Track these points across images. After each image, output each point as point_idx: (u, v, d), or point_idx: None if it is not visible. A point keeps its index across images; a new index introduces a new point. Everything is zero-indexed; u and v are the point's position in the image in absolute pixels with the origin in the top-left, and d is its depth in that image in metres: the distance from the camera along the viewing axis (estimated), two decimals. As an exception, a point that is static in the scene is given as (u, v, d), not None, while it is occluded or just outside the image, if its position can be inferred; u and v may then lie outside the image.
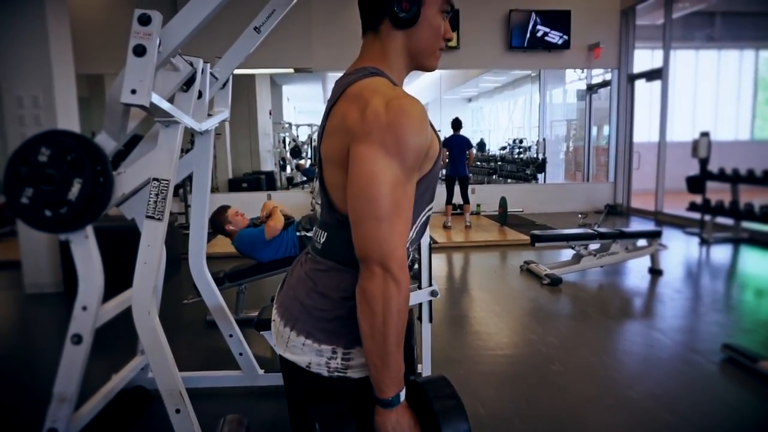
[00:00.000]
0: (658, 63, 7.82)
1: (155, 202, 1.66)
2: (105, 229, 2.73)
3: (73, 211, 1.65)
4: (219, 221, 3.44)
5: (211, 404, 2.37)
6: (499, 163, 11.89)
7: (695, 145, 6.28)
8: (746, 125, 12.50)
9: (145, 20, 1.42)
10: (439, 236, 6.43)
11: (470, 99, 17.98)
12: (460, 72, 12.80)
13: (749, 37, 12.11)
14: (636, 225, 7.51)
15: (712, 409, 2.35)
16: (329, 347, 0.93)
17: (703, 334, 3.29)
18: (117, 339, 2.50)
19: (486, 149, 14.03)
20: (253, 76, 10.12)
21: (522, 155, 11.28)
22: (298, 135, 11.21)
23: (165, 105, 1.60)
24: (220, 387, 2.56)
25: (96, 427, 2.05)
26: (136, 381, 2.45)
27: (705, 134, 6.26)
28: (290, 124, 11.37)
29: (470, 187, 7.38)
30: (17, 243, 4.37)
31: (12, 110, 4.16)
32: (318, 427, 0.87)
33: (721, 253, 5.63)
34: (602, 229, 4.73)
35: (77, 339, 1.74)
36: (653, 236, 4.66)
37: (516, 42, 8.18)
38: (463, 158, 6.73)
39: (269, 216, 3.36)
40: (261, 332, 2.63)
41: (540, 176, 10.10)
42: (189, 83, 1.85)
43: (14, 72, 4.12)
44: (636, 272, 4.75)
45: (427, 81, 13.33)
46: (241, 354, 2.50)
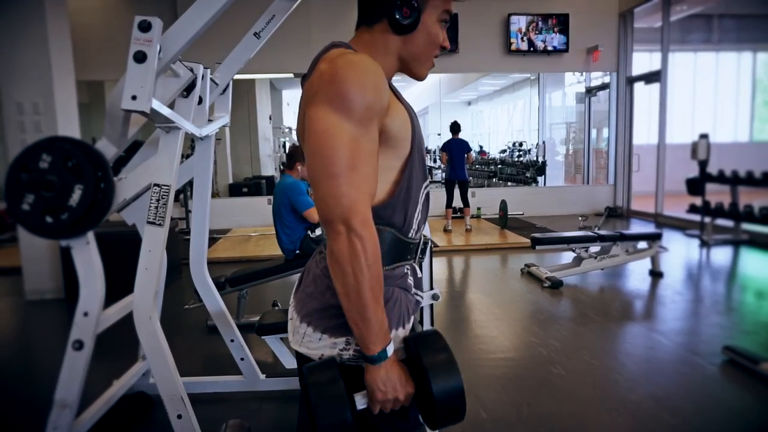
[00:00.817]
0: (657, 65, 7.84)
1: (156, 208, 1.66)
2: (106, 235, 2.74)
3: (74, 217, 1.65)
4: (297, 155, 3.57)
5: (213, 409, 2.37)
6: (499, 166, 11.91)
7: (694, 147, 6.28)
8: (745, 127, 12.51)
9: (146, 27, 1.43)
10: (440, 240, 6.43)
11: (470, 102, 18.01)
12: (460, 75, 12.84)
13: (747, 39, 12.14)
14: (636, 227, 7.52)
15: (714, 411, 2.35)
16: (343, 339, 0.94)
17: (704, 336, 3.29)
18: (118, 345, 2.50)
19: (484, 151, 14.03)
20: (253, 81, 10.15)
21: (522, 158, 11.29)
22: (298, 140, 11.22)
23: (165, 111, 1.61)
24: (222, 392, 2.55)
25: (97, 433, 2.05)
26: (138, 386, 2.45)
27: (704, 136, 6.27)
28: (290, 129, 11.40)
29: (470, 191, 7.39)
30: (18, 249, 4.37)
31: (12, 117, 4.17)
32: (307, 384, 0.86)
33: (722, 255, 5.63)
34: (602, 232, 4.73)
35: (78, 345, 1.74)
36: (653, 238, 4.66)
37: (515, 45, 8.21)
38: (463, 162, 6.73)
39: None
40: (262, 337, 2.64)
41: (540, 179, 10.11)
42: (189, 89, 1.85)
43: (15, 78, 4.13)
44: (636, 274, 4.75)
45: (427, 85, 13.38)
46: (243, 359, 2.50)
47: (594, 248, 4.64)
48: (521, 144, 11.82)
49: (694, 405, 2.40)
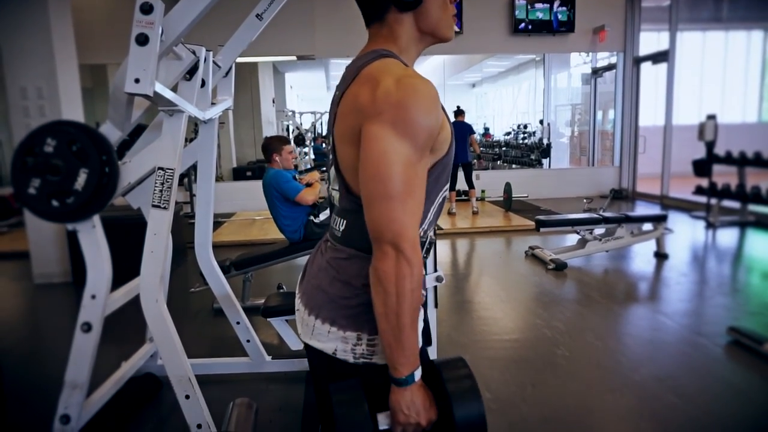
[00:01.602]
0: (665, 45, 7.73)
1: (161, 191, 1.67)
2: (112, 219, 2.75)
3: (80, 201, 1.66)
4: (272, 147, 3.54)
5: (220, 390, 2.40)
6: (504, 149, 11.84)
7: (702, 128, 6.22)
8: (754, 107, 12.34)
9: (147, 9, 1.41)
10: (444, 222, 6.43)
11: (474, 84, 17.86)
12: (464, 57, 12.70)
13: (757, 18, 11.90)
14: (641, 209, 7.49)
15: (718, 392, 2.36)
16: (354, 334, 0.94)
17: (709, 317, 3.29)
18: (126, 327, 2.52)
19: (489, 133, 13.94)
20: (256, 64, 10.09)
21: (526, 140, 11.22)
22: (302, 123, 11.19)
23: (168, 94, 1.60)
24: (228, 373, 2.59)
25: (107, 414, 2.09)
26: (146, 368, 2.49)
27: (711, 117, 6.21)
28: (293, 112, 11.34)
29: (474, 173, 7.38)
30: (25, 233, 4.41)
31: (16, 101, 4.17)
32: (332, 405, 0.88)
33: (728, 237, 5.61)
34: (607, 214, 4.72)
35: (87, 327, 1.76)
36: (659, 220, 4.64)
37: (520, 26, 8.09)
38: (466, 145, 6.73)
39: (310, 184, 3.47)
40: (267, 319, 2.66)
41: (545, 161, 10.06)
42: (192, 72, 1.84)
43: (18, 63, 4.12)
44: (641, 256, 4.74)
45: (431, 66, 13.24)
46: (249, 341, 2.52)
47: (599, 230, 4.63)
48: (526, 126, 11.73)
49: (699, 385, 2.41)
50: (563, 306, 3.55)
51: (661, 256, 4.63)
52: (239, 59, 2.32)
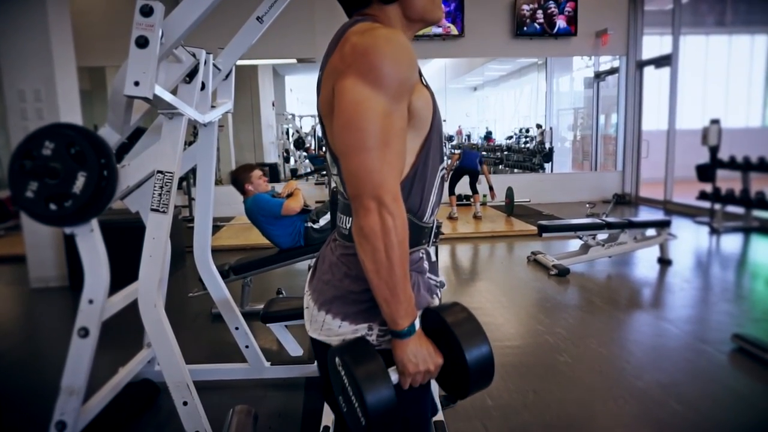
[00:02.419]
0: (667, 49, 7.71)
1: (160, 195, 1.65)
2: (110, 223, 2.73)
3: (78, 205, 1.64)
4: (241, 178, 3.49)
5: (218, 396, 2.37)
6: (506, 153, 11.82)
7: (705, 133, 6.20)
8: (758, 112, 12.31)
9: (147, 11, 1.40)
10: (445, 227, 6.41)
11: (475, 88, 17.86)
12: (465, 60, 12.72)
13: (761, 22, 11.89)
14: (645, 214, 7.45)
15: (722, 399, 2.33)
16: (365, 325, 0.94)
17: (713, 324, 3.26)
18: (124, 332, 2.50)
19: (492, 138, 13.93)
20: (256, 67, 10.09)
21: (528, 144, 11.20)
22: (302, 126, 11.19)
23: (168, 97, 1.59)
24: (227, 380, 2.56)
25: (104, 420, 2.06)
26: (144, 374, 2.46)
27: (715, 121, 6.18)
28: (293, 115, 11.34)
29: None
30: (22, 237, 4.38)
31: (14, 104, 4.15)
32: (344, 362, 0.87)
33: (732, 243, 5.58)
34: (610, 219, 4.69)
35: (84, 332, 1.74)
36: (662, 226, 4.61)
37: (522, 29, 8.08)
38: (475, 161, 6.93)
39: (290, 195, 3.42)
40: (267, 324, 2.64)
41: (547, 166, 10.03)
42: (192, 75, 1.83)
43: (16, 65, 4.10)
44: (645, 262, 4.71)
45: (432, 70, 13.26)
46: (247, 346, 2.50)
47: (601, 236, 4.60)
48: (527, 130, 11.71)
49: (702, 392, 2.38)
50: (565, 312, 3.52)
51: (665, 262, 4.59)
52: (239, 62, 2.31)
